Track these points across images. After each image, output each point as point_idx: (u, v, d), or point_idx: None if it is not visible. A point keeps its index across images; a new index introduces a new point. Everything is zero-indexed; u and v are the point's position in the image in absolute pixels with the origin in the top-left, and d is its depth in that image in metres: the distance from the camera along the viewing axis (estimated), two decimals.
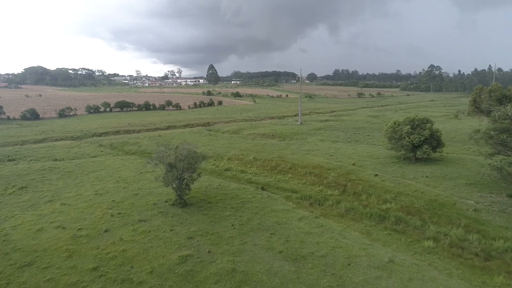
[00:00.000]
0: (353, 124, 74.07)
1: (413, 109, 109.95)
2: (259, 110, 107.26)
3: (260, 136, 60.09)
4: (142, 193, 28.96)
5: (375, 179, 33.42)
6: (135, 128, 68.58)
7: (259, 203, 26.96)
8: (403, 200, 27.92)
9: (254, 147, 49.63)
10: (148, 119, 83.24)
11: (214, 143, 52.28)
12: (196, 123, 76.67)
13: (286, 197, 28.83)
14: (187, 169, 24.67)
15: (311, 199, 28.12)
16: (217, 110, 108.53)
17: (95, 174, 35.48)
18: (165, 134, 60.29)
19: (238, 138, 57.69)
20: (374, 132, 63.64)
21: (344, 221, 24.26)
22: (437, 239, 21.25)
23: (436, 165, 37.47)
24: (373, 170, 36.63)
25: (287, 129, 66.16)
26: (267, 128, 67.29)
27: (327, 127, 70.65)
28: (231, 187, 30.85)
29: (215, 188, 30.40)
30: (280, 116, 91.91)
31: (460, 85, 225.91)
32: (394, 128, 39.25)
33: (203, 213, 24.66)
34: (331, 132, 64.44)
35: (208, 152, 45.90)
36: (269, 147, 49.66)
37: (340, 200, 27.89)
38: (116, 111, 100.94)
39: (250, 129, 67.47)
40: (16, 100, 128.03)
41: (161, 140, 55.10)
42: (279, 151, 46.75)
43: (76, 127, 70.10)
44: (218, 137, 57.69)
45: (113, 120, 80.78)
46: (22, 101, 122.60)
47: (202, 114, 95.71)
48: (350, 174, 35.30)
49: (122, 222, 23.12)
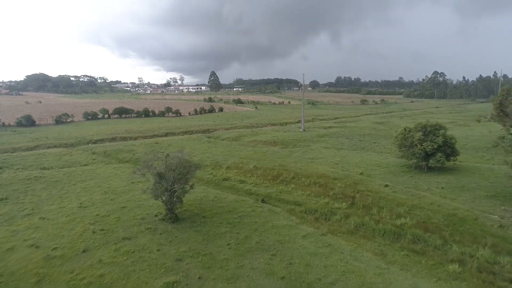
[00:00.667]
0: (358, 131, 71.40)
1: (419, 116, 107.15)
2: (260, 117, 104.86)
3: (261, 143, 57.56)
4: (131, 205, 26.35)
5: (386, 190, 30.69)
6: (132, 135, 66.21)
7: (259, 217, 24.28)
8: (418, 214, 25.18)
9: (255, 154, 47.04)
10: (147, 125, 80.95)
11: (213, 151, 49.75)
12: (195, 130, 74.26)
13: (289, 211, 26.16)
14: (178, 180, 22.08)
15: (317, 213, 25.42)
16: (217, 116, 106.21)
17: (83, 184, 32.94)
18: (162, 141, 57.85)
19: (238, 145, 55.16)
20: (380, 139, 60.97)
21: (354, 239, 21.53)
22: (462, 261, 18.47)
23: (451, 174, 34.70)
24: (383, 180, 33.91)
25: (290, 136, 63.59)
26: (269, 135, 64.75)
27: (331, 134, 68.02)
28: (229, 199, 28.20)
29: (211, 200, 27.75)
30: (282, 123, 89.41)
31: (464, 91, 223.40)
32: (405, 135, 36.59)
33: (196, 229, 21.99)
34: (336, 139, 61.80)
35: (206, 160, 43.40)
36: (270, 155, 47.07)
37: (349, 214, 25.17)
38: (115, 117, 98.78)
39: (251, 136, 64.95)
40: (14, 107, 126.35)
41: (158, 147, 52.64)
42: (281, 159, 44.14)
43: (71, 134, 67.84)
44: (217, 144, 55.18)
45: (110, 126, 78.53)
46: (21, 108, 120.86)
47: (202, 120, 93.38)
48: (358, 185, 32.60)
49: (103, 240, 20.48)
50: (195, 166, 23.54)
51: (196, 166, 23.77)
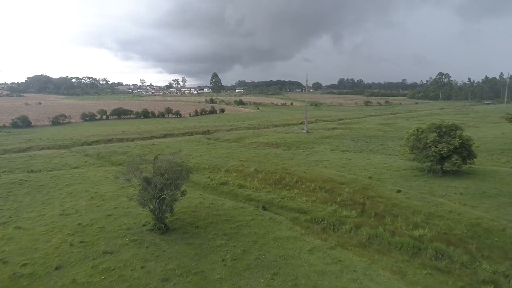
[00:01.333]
0: (363, 133, 68.70)
1: (425, 117, 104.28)
2: (262, 118, 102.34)
3: (263, 145, 55.00)
4: (117, 213, 23.85)
5: (399, 196, 28.01)
6: (129, 137, 63.84)
7: (259, 227, 21.71)
8: (437, 224, 22.52)
9: (256, 157, 44.48)
10: (145, 127, 78.61)
11: (212, 153, 47.22)
12: (195, 131, 71.82)
13: (293, 220, 23.55)
14: (168, 186, 19.54)
15: (324, 223, 22.79)
16: (218, 118, 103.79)
17: (69, 189, 30.47)
18: (160, 143, 55.40)
19: (238, 147, 52.61)
20: (387, 141, 58.25)
21: (367, 253, 18.90)
22: (497, 283, 15.84)
23: (468, 179, 31.98)
24: (394, 185, 31.25)
25: (293, 138, 60.98)
26: (271, 137, 62.18)
27: (336, 135, 65.36)
28: (226, 206, 25.63)
29: (207, 208, 25.18)
30: (284, 124, 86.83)
31: (470, 93, 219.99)
32: (417, 136, 33.92)
33: (188, 242, 19.44)
34: (341, 140, 59.13)
35: (204, 163, 40.90)
36: (272, 157, 44.49)
37: (360, 224, 22.55)
38: (113, 118, 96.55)
39: (252, 137, 62.40)
40: (13, 108, 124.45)
41: (154, 149, 50.22)
42: (284, 161, 41.55)
43: (66, 135, 65.53)
44: (216, 146, 52.65)
45: (108, 128, 76.23)
46: (19, 109, 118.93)
47: (203, 122, 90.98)
48: (367, 190, 29.95)
49: (81, 254, 17.96)
50: (187, 170, 21.00)
51: (188, 170, 21.23)
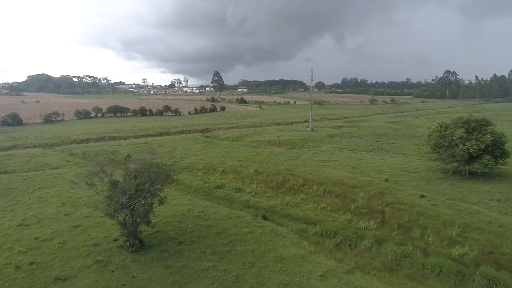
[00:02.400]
0: (372, 131, 64.32)
1: (435, 115, 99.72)
2: (265, 116, 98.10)
3: (264, 143, 50.82)
4: (87, 224, 19.76)
5: (423, 203, 23.75)
6: (122, 135, 59.83)
7: (257, 243, 17.54)
8: (477, 239, 18.26)
9: (257, 156, 40.31)
10: (141, 125, 74.58)
11: (208, 152, 43.10)
12: (193, 129, 67.69)
13: (299, 232, 19.36)
14: (142, 192, 15.41)
15: (337, 237, 18.55)
16: (219, 116, 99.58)
17: (41, 193, 26.45)
18: (154, 141, 51.36)
19: (238, 145, 48.44)
20: (399, 140, 53.88)
21: (396, 280, 14.67)
22: None
23: (502, 182, 27.64)
24: (416, 189, 26.99)
25: (297, 136, 56.76)
26: (273, 135, 57.97)
27: (343, 133, 61.04)
28: (219, 215, 21.48)
29: (195, 217, 21.03)
30: (288, 122, 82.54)
31: (478, 91, 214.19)
32: (441, 132, 29.59)
33: (166, 263, 15.30)
34: (348, 139, 54.83)
35: (199, 163, 36.79)
36: (275, 156, 40.30)
37: (382, 239, 18.32)
38: (109, 116, 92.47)
39: (253, 135, 58.22)
40: (8, 106, 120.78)
41: (146, 147, 46.15)
42: (288, 161, 37.36)
43: (56, 133, 61.63)
44: (214, 145, 48.50)
45: (101, 126, 72.29)
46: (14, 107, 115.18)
47: (202, 120, 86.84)
48: (385, 195, 25.72)
49: (26, 282, 13.88)
50: (166, 172, 16.81)
51: (168, 173, 17.05)
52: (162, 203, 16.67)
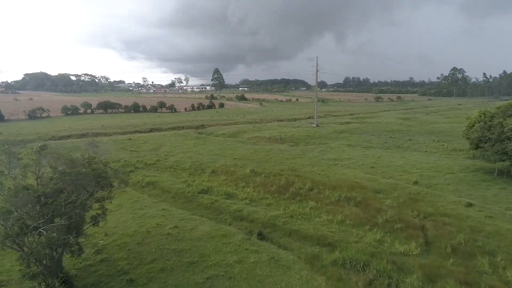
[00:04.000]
0: (383, 127, 58.23)
1: (447, 112, 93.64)
2: (265, 113, 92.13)
3: (264, 140, 44.85)
4: None
5: (473, 214, 17.74)
6: (107, 131, 53.99)
7: (249, 281, 11.59)
8: None
9: (255, 154, 34.34)
10: (131, 121, 68.76)
11: (199, 149, 37.16)
12: (187, 126, 61.78)
13: (310, 261, 13.39)
14: (61, 207, 9.46)
15: (369, 270, 12.52)
16: (216, 112, 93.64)
17: None
18: (139, 138, 45.43)
19: (233, 142, 42.44)
20: (415, 136, 47.76)
21: None
22: None
23: None
24: (457, 194, 20.99)
25: (301, 132, 50.78)
26: (274, 131, 51.97)
27: (352, 129, 55.01)
28: (199, 232, 15.55)
29: (164, 236, 15.09)
30: (290, 119, 76.56)
31: (487, 89, 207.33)
32: (486, 122, 23.52)
33: None
34: (359, 135, 48.80)
35: (186, 161, 30.88)
36: (276, 154, 34.35)
37: (434, 272, 12.33)
38: (99, 112, 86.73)
39: (252, 132, 52.25)
40: None
41: (129, 144, 40.38)
42: (291, 160, 31.41)
43: (35, 129, 55.88)
44: (206, 141, 42.52)
45: (87, 122, 66.46)
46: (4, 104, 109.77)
47: (198, 116, 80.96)
48: (419, 202, 19.74)
49: None
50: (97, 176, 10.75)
51: (104, 177, 11.01)
52: (95, 222, 10.70)
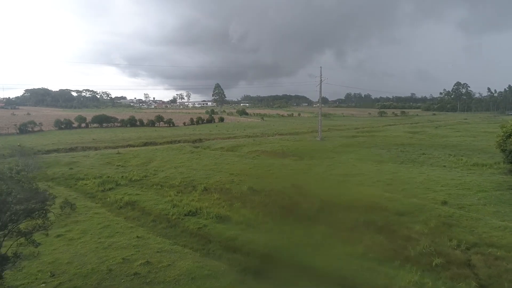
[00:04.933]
0: (392, 141, 54.63)
1: (456, 125, 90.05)
2: (267, 127, 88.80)
3: (265, 154, 41.25)
4: None
5: None
6: (98, 145, 50.56)
7: None
8: None
9: (254, 169, 30.70)
10: (125, 135, 65.43)
11: (193, 164, 33.56)
12: (183, 140, 58.35)
13: None
14: None
15: None
16: (216, 126, 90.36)
17: None
18: (130, 152, 41.89)
19: (231, 156, 38.81)
20: (428, 150, 44.01)
21: None
22: None
23: None
24: (499, 218, 17.20)
25: (304, 145, 47.29)
26: (276, 144, 48.43)
27: (359, 143, 51.45)
28: (176, 271, 11.76)
29: (130, 277, 11.29)
30: (293, 133, 73.15)
31: (492, 103, 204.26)
32: None
33: None
34: (367, 149, 45.19)
35: (175, 177, 27.24)
36: (278, 169, 30.70)
37: None
38: (94, 126, 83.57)
39: (252, 146, 48.69)
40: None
41: (116, 158, 36.84)
42: (296, 176, 27.76)
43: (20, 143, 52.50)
44: (202, 155, 38.89)
45: (79, 136, 63.11)
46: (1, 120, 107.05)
47: (197, 130, 77.66)
48: (454, 228, 15.96)
49: None
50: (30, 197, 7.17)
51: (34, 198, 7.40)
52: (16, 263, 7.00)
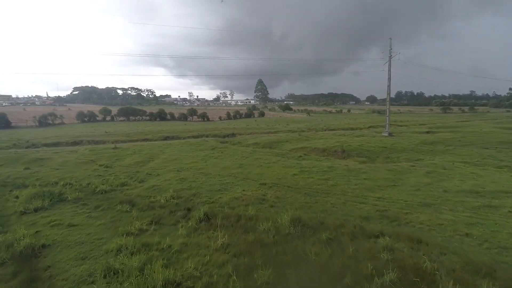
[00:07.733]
0: (488, 137, 39.60)
1: None
2: (314, 122, 75.90)
3: (316, 152, 29.00)
4: None
5: None
6: (109, 139, 41.42)
7: None
8: None
9: (301, 177, 18.59)
10: (148, 128, 56.28)
11: (208, 164, 22.23)
12: (212, 134, 47.64)
13: None
14: None
15: None
16: (255, 121, 79.19)
17: None
18: (131, 146, 31.64)
19: (267, 154, 26.94)
20: None
21: None
22: None
23: None
24: None
25: (371, 143, 34.14)
26: (331, 140, 35.83)
27: (443, 140, 37.26)
28: None
29: None
30: (346, 128, 59.67)
31: None
32: None
33: None
34: (462, 148, 31.21)
35: (168, 188, 15.98)
36: (340, 178, 18.36)
37: None
38: (120, 120, 76.53)
39: (296, 142, 36.51)
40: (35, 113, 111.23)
41: (108, 155, 26.63)
42: (378, 192, 15.27)
43: (25, 136, 44.98)
44: (225, 153, 27.43)
45: (93, 129, 54.96)
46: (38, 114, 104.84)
47: (232, 125, 66.94)
48: None
49: None
50: None
51: None
52: None
